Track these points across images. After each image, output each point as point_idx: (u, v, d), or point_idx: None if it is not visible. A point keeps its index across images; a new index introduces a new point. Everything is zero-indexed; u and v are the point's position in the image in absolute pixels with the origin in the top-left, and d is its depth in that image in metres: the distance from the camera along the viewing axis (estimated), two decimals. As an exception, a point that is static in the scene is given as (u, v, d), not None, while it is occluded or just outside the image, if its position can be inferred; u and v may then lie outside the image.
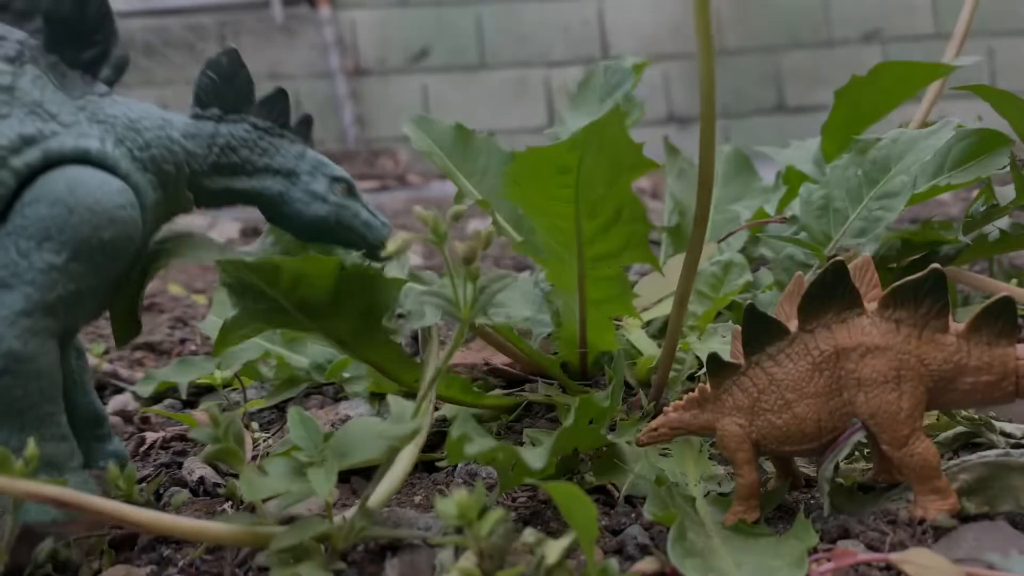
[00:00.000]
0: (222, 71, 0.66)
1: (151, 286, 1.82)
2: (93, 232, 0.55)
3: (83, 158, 0.57)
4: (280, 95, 0.69)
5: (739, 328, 0.58)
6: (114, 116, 0.60)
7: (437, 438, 0.79)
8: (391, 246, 0.47)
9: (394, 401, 0.52)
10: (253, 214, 0.77)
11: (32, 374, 0.54)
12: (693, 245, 0.68)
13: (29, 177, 0.55)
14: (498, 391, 0.85)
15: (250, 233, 2.44)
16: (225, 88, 0.66)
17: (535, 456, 0.51)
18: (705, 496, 0.62)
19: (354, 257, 0.73)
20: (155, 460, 0.82)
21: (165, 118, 0.63)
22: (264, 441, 0.84)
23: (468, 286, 0.49)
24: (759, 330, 0.57)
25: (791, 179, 1.12)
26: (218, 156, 0.66)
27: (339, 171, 0.71)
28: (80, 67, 0.60)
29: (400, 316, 0.73)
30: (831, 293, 0.55)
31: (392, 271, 0.82)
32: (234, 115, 0.67)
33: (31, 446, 0.51)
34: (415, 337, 1.03)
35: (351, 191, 0.71)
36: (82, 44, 0.60)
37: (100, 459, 0.67)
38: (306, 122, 0.71)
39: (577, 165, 0.65)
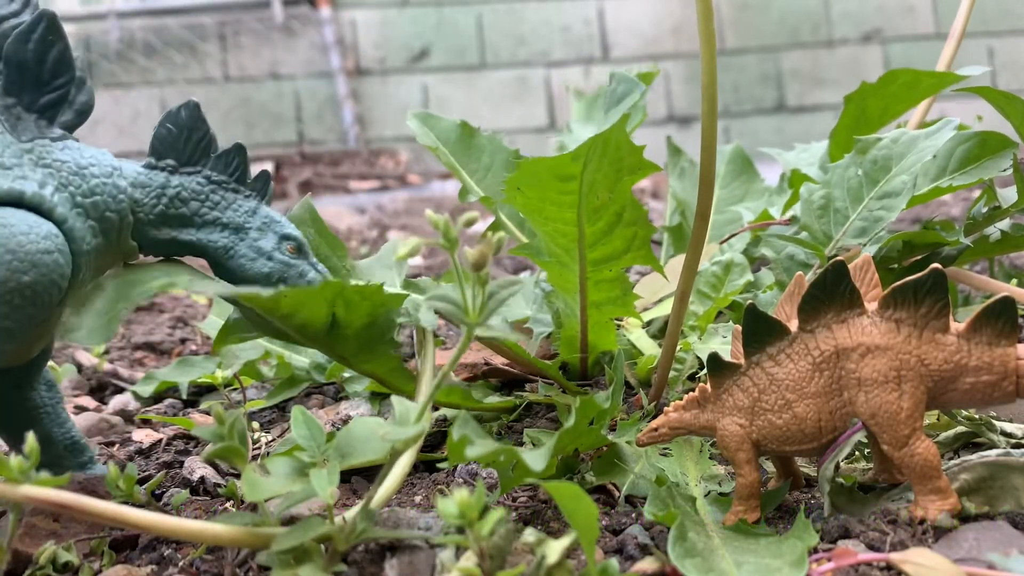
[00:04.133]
0: (180, 124, 0.66)
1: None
2: (12, 275, 0.55)
3: (16, 201, 0.57)
4: (239, 150, 0.69)
5: (739, 328, 0.58)
6: (61, 161, 0.60)
7: (437, 438, 0.79)
8: (402, 250, 0.47)
9: (397, 402, 0.52)
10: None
11: None
12: (694, 243, 0.68)
13: None
14: (495, 397, 0.84)
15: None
16: (182, 141, 0.66)
17: (536, 457, 0.51)
18: (705, 496, 0.63)
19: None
20: (156, 459, 0.82)
21: (115, 166, 0.64)
22: (267, 444, 0.84)
23: (477, 291, 0.48)
24: (759, 330, 0.57)
25: (796, 183, 1.12)
26: (166, 207, 0.66)
27: (290, 229, 0.70)
28: (37, 111, 0.60)
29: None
30: (831, 293, 0.55)
31: (386, 272, 0.82)
32: (189, 167, 0.67)
33: (31, 440, 0.50)
34: (412, 336, 1.03)
35: (300, 250, 0.70)
36: (41, 89, 0.60)
37: None
38: (263, 178, 0.70)
39: (580, 173, 0.65)
